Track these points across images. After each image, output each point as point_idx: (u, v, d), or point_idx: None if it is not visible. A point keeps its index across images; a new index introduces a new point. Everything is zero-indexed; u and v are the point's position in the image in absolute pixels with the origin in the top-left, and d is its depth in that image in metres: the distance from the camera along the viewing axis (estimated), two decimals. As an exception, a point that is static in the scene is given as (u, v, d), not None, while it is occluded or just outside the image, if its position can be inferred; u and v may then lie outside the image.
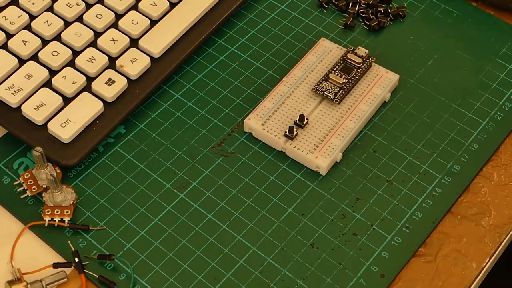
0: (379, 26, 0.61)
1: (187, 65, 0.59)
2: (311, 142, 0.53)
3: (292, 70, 0.57)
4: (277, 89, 0.55)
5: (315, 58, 0.57)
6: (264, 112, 0.54)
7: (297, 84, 0.56)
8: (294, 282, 0.48)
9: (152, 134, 0.55)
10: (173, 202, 0.52)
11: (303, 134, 0.53)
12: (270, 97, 0.55)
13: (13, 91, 0.53)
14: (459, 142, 0.55)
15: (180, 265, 0.49)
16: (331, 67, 0.56)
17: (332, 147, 0.53)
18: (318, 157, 0.52)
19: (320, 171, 0.53)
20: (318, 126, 0.54)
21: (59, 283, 0.47)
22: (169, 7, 0.59)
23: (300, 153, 0.53)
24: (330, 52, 0.58)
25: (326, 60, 0.57)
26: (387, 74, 0.57)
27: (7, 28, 0.57)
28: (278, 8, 0.63)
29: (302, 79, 0.56)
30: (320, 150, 0.52)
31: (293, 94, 0.55)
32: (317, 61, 0.57)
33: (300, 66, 0.57)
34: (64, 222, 0.49)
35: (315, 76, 0.56)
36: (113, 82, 0.55)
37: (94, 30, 0.57)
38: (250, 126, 0.54)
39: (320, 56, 0.57)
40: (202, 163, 0.54)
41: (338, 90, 0.55)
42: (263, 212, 0.51)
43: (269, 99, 0.55)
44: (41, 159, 0.49)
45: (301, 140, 0.53)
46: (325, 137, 0.53)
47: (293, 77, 0.56)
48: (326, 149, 0.53)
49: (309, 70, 0.56)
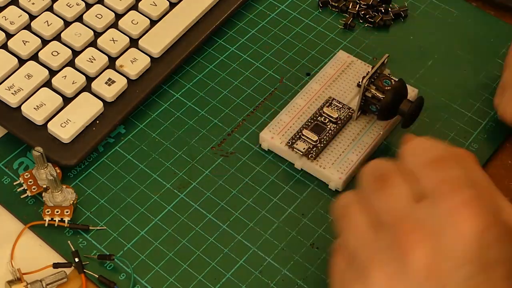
0: (384, 22, 0.61)
1: (187, 65, 0.59)
2: (330, 158, 0.52)
3: (310, 83, 0.56)
4: (293, 102, 0.55)
5: (333, 71, 0.56)
6: (280, 125, 0.53)
7: (315, 98, 0.55)
8: (294, 282, 0.48)
9: (152, 134, 0.55)
10: (173, 202, 0.52)
11: (322, 152, 0.52)
12: (286, 110, 0.54)
13: (13, 91, 0.53)
14: (459, 142, 0.55)
15: (180, 265, 0.49)
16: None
17: (348, 162, 0.52)
18: (334, 173, 0.51)
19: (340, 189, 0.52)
20: (336, 142, 0.53)
21: (59, 283, 0.47)
22: (169, 7, 0.59)
23: (319, 168, 0.52)
24: (349, 65, 0.57)
25: (345, 73, 0.56)
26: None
27: (7, 28, 0.57)
28: (278, 8, 0.63)
29: (320, 93, 0.55)
30: (338, 165, 0.52)
31: (310, 108, 0.54)
32: (335, 74, 0.56)
33: (317, 79, 0.56)
34: (64, 222, 0.49)
35: (333, 90, 0.55)
36: (113, 82, 0.55)
37: (94, 30, 0.57)
38: (264, 139, 0.53)
39: (339, 69, 0.56)
40: (202, 163, 0.53)
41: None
42: (263, 212, 0.51)
43: (286, 113, 0.54)
44: (41, 159, 0.49)
45: (321, 157, 0.52)
46: (342, 152, 0.52)
47: (311, 90, 0.55)
48: (342, 164, 0.52)
49: (327, 84, 0.56)
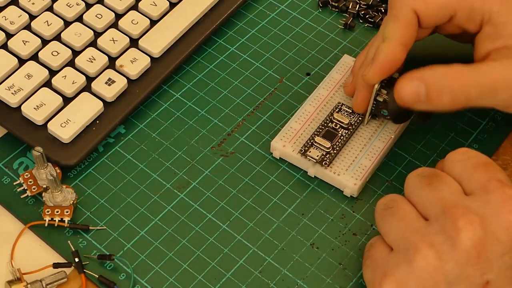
0: None
1: (187, 65, 0.59)
2: (344, 165, 0.52)
3: (317, 89, 0.55)
4: (302, 109, 0.54)
5: (340, 76, 0.56)
6: (291, 133, 0.53)
7: (323, 104, 0.55)
8: (294, 282, 0.48)
9: (152, 134, 0.55)
10: (173, 202, 0.52)
11: (335, 158, 0.52)
12: (296, 117, 0.54)
13: (13, 91, 0.53)
14: (459, 142, 0.55)
15: (180, 265, 0.49)
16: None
17: (362, 167, 0.52)
18: (349, 180, 0.51)
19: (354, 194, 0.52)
20: (348, 147, 0.53)
21: (59, 283, 0.47)
22: (169, 7, 0.59)
23: (333, 175, 0.52)
24: None
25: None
26: None
27: (7, 28, 0.57)
28: (278, 8, 0.63)
29: (328, 98, 0.55)
30: (352, 171, 0.51)
31: (320, 114, 0.54)
32: (342, 79, 0.56)
33: (324, 84, 0.56)
34: (64, 222, 0.49)
35: (341, 95, 0.55)
36: (113, 82, 0.55)
37: (94, 30, 0.57)
38: (276, 147, 0.53)
39: (345, 73, 0.56)
40: (202, 163, 0.53)
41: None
42: (263, 212, 0.51)
43: (295, 120, 0.54)
44: (41, 159, 0.49)
45: (334, 163, 0.52)
46: (355, 158, 0.52)
47: (319, 96, 0.55)
48: (356, 170, 0.52)
49: (335, 89, 0.55)
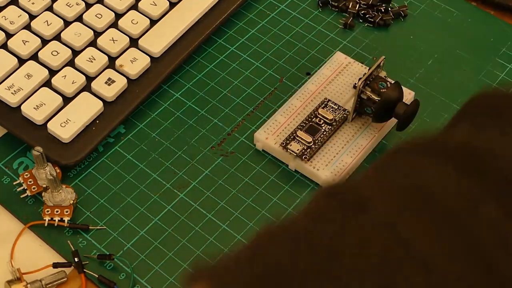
0: (384, 22, 0.61)
1: (187, 65, 0.59)
2: (325, 160, 0.52)
3: (306, 84, 0.56)
4: (289, 103, 0.54)
5: (330, 72, 0.56)
6: (275, 126, 0.53)
7: (310, 99, 0.55)
8: (294, 282, 0.48)
9: (152, 134, 0.55)
10: (173, 202, 0.51)
11: (316, 153, 0.52)
12: (282, 110, 0.54)
13: (13, 91, 0.53)
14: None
15: (180, 265, 0.49)
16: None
17: (342, 164, 0.52)
18: (328, 175, 0.51)
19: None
20: (330, 143, 0.53)
21: (59, 283, 0.47)
22: (169, 7, 0.59)
23: (312, 169, 0.52)
24: (346, 67, 0.57)
25: (342, 75, 0.56)
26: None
27: (7, 28, 0.57)
28: (278, 8, 0.63)
29: (316, 94, 0.55)
30: (332, 167, 0.51)
31: (306, 109, 0.54)
32: (332, 76, 0.56)
33: (314, 80, 0.56)
34: (64, 222, 0.49)
35: (329, 91, 0.55)
36: (113, 82, 0.55)
37: (94, 29, 0.57)
38: (259, 139, 0.53)
39: (335, 70, 0.56)
40: (202, 163, 0.53)
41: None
42: (263, 212, 0.51)
43: (281, 113, 0.54)
44: (41, 159, 0.49)
45: (315, 158, 0.52)
46: (337, 154, 0.52)
47: (307, 91, 0.55)
48: (336, 166, 0.52)
49: (324, 85, 0.55)
